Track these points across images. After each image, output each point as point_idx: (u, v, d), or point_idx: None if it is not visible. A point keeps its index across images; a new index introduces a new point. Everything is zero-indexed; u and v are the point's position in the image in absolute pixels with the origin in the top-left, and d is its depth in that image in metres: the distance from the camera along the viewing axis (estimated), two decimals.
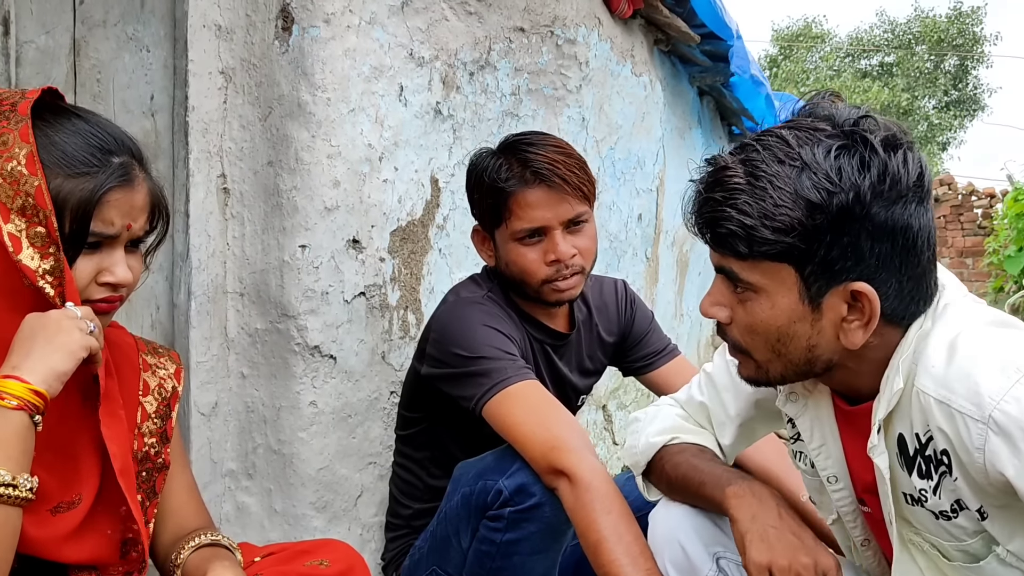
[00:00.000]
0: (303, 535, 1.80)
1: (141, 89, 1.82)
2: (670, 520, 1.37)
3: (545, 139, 1.69)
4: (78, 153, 1.05)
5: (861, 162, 0.99)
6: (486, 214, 1.71)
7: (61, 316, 1.02)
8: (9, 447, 0.96)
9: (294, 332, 1.76)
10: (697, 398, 1.48)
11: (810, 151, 1.00)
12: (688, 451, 1.39)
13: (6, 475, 0.96)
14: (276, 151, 1.75)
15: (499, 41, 2.20)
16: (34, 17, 1.86)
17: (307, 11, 1.72)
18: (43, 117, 1.06)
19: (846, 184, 0.98)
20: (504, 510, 1.51)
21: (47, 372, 0.99)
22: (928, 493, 1.08)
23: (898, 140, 1.01)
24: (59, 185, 1.03)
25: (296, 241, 1.75)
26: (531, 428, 1.50)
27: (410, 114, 1.94)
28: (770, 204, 1.00)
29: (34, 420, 0.99)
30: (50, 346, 1.00)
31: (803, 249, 1.01)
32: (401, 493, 1.83)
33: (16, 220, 1.02)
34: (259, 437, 1.81)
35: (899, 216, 0.99)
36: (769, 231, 1.01)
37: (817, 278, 1.03)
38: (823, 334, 1.07)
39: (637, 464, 1.48)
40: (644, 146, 3.11)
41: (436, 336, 1.67)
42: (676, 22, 3.06)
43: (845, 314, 1.04)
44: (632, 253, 3.13)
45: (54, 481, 1.10)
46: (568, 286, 1.68)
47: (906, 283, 1.03)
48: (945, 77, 24.52)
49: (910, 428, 1.08)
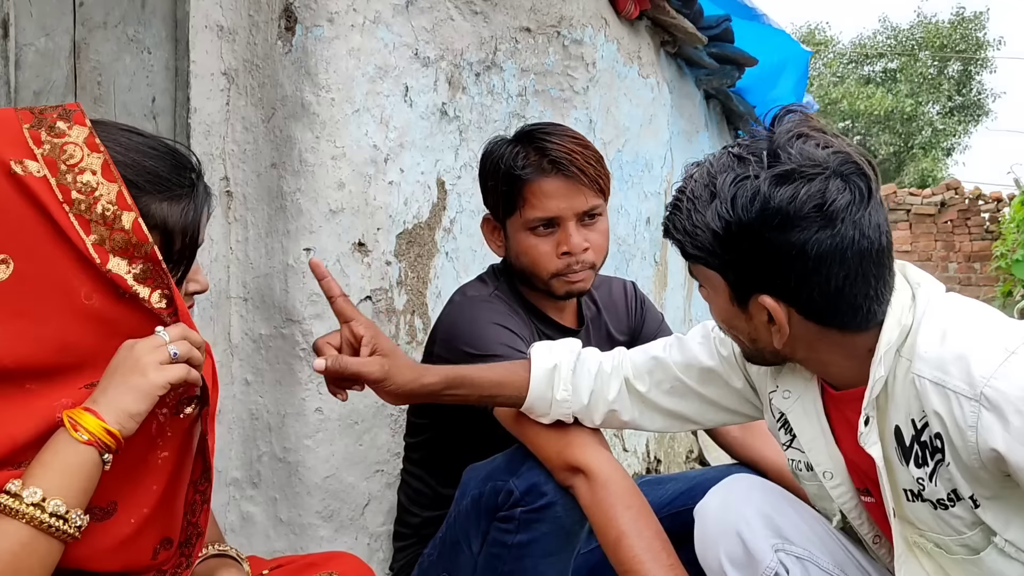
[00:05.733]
0: (309, 545, 1.77)
1: (142, 91, 1.79)
2: (729, 511, 1.36)
3: (563, 129, 1.68)
4: (172, 176, 1.04)
5: (753, 195, 1.08)
6: (499, 202, 1.68)
7: (143, 351, 0.98)
8: (71, 479, 0.93)
9: (299, 337, 1.73)
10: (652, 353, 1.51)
11: (722, 179, 1.12)
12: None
13: (61, 506, 0.92)
14: (279, 153, 1.72)
15: (505, 41, 2.18)
16: (33, 19, 1.83)
17: (310, 10, 1.69)
18: (111, 138, 1.02)
19: (735, 215, 1.10)
20: (515, 511, 1.48)
21: (119, 413, 0.96)
22: (925, 480, 1.13)
23: (791, 175, 1.07)
24: (165, 211, 1.03)
25: (300, 244, 1.71)
26: (544, 425, 1.48)
27: (416, 115, 1.91)
28: (690, 225, 1.15)
29: (103, 458, 0.95)
30: (124, 386, 0.97)
31: (718, 264, 1.15)
32: (410, 501, 1.80)
33: (97, 230, 0.99)
34: (264, 445, 1.78)
35: (792, 240, 1.07)
36: (691, 247, 1.17)
37: (736, 287, 1.16)
38: (758, 331, 1.18)
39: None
40: (652, 149, 3.08)
41: (444, 336, 1.65)
42: (683, 23, 3.03)
43: (766, 319, 1.15)
44: (641, 257, 3.10)
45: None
46: (579, 279, 1.66)
47: (819, 297, 1.11)
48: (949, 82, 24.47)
49: (906, 416, 1.14)
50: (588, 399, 1.46)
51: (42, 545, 0.91)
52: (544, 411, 1.46)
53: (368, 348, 1.32)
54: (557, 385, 1.45)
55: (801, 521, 1.35)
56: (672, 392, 1.46)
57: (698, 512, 1.41)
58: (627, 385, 1.48)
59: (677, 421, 1.50)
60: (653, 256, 3.25)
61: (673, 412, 1.48)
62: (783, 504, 1.37)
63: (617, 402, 1.47)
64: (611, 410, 1.47)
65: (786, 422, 1.33)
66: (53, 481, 0.92)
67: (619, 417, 1.49)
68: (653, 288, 3.27)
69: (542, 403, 1.46)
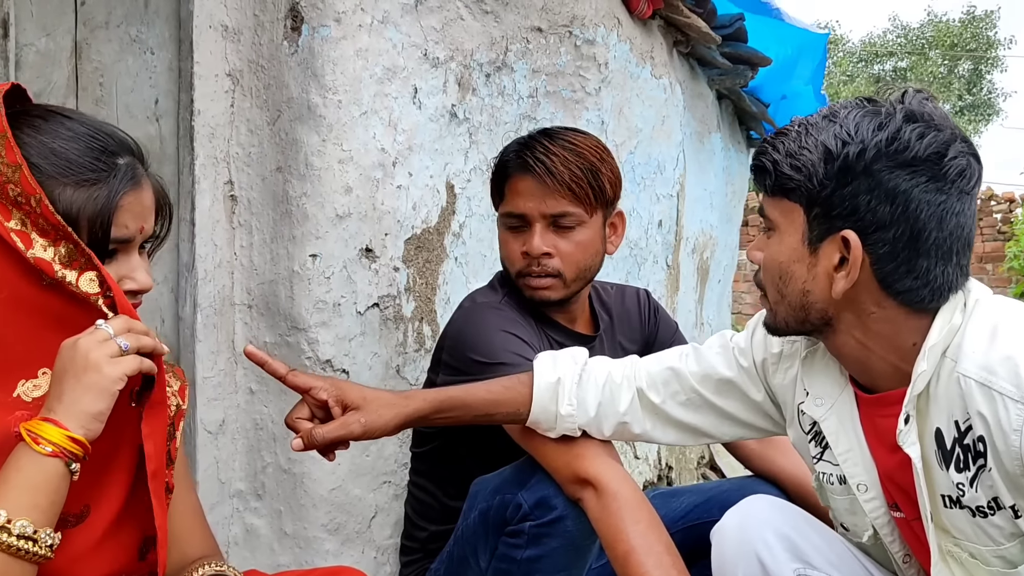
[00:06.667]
0: (315, 558, 1.72)
1: (145, 93, 1.75)
2: (748, 533, 1.32)
3: (565, 133, 1.65)
4: (83, 159, 0.98)
5: (878, 124, 1.08)
6: (492, 194, 1.74)
7: (89, 347, 0.93)
8: (38, 495, 0.89)
9: (305, 346, 1.69)
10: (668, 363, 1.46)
11: (847, 112, 1.12)
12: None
13: (28, 526, 0.88)
14: (285, 156, 1.68)
15: (516, 41, 2.13)
16: (34, 19, 1.80)
17: (317, 10, 1.64)
18: (28, 122, 0.99)
19: (858, 138, 1.08)
20: (524, 525, 1.44)
21: (81, 416, 0.92)
22: (965, 486, 1.10)
23: (923, 116, 1.09)
24: (70, 196, 0.96)
25: (306, 250, 1.67)
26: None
27: (424, 117, 1.87)
28: (796, 146, 1.13)
29: (71, 468, 0.91)
30: (80, 387, 0.92)
31: (812, 190, 1.12)
32: (416, 514, 1.75)
33: (16, 214, 0.95)
34: (268, 456, 1.74)
35: (901, 182, 1.07)
36: (788, 167, 1.13)
37: (819, 222, 1.12)
38: (817, 280, 1.15)
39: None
40: (664, 151, 3.03)
41: (452, 343, 1.61)
42: (696, 22, 2.98)
43: (836, 263, 1.12)
44: (652, 260, 3.05)
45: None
46: (538, 285, 1.63)
47: (902, 251, 1.09)
48: (959, 82, 24.35)
49: (948, 418, 1.11)
50: (595, 411, 1.42)
51: (13, 569, 0.87)
52: (550, 426, 1.42)
53: (338, 408, 1.28)
54: (561, 399, 1.41)
55: (823, 543, 1.31)
56: (687, 404, 1.42)
57: (715, 533, 1.37)
58: (640, 396, 1.43)
59: (691, 435, 1.45)
60: (665, 259, 3.20)
61: (687, 425, 1.43)
62: (804, 526, 1.32)
63: (628, 414, 1.43)
64: (622, 422, 1.43)
65: (818, 433, 1.29)
66: (18, 500, 0.88)
67: (630, 429, 1.44)
68: (665, 292, 3.22)
69: (547, 417, 1.41)
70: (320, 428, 1.26)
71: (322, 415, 1.30)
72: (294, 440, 1.27)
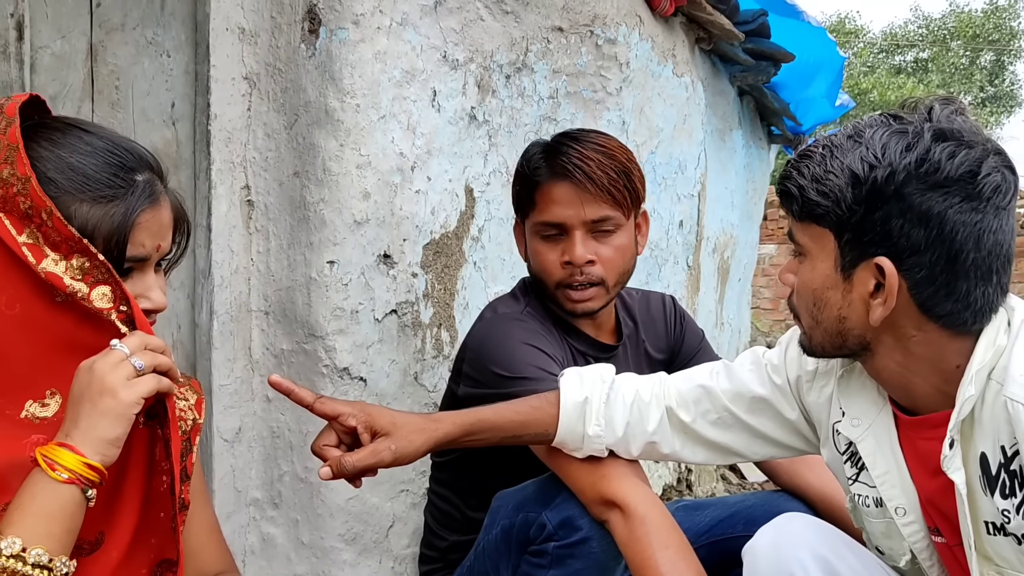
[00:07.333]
0: (332, 568, 1.70)
1: (161, 96, 1.72)
2: (782, 552, 1.27)
3: (591, 136, 1.60)
4: (100, 175, 0.96)
5: (906, 145, 1.04)
6: (517, 203, 1.66)
7: (104, 370, 0.91)
8: (52, 523, 0.87)
9: (322, 353, 1.66)
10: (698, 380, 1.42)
11: (872, 132, 1.07)
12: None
13: (43, 555, 0.86)
14: (302, 161, 1.65)
15: (536, 42, 2.09)
16: (49, 21, 1.77)
17: (335, 12, 1.61)
18: (46, 135, 0.96)
19: (886, 161, 1.04)
20: (548, 545, 1.41)
21: (97, 442, 0.90)
22: (1011, 513, 1.06)
23: (953, 134, 1.04)
24: (86, 213, 0.94)
25: (324, 256, 1.64)
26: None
27: (443, 120, 1.83)
28: (822, 170, 1.08)
29: (87, 495, 0.89)
30: (95, 412, 0.90)
31: (841, 216, 1.07)
32: (437, 523, 1.72)
33: (27, 228, 0.93)
34: (285, 464, 1.71)
35: (934, 204, 1.02)
36: (815, 193, 1.09)
37: (851, 248, 1.08)
38: (853, 307, 1.11)
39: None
40: (685, 150, 2.98)
41: (473, 355, 1.58)
42: (719, 19, 2.92)
43: (871, 289, 1.08)
44: (673, 261, 3.00)
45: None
46: (581, 297, 1.57)
47: (940, 275, 1.05)
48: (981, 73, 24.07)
49: (994, 443, 1.07)
50: (623, 431, 1.38)
51: None
52: (576, 446, 1.38)
53: (367, 434, 1.25)
54: (589, 419, 1.37)
55: (860, 565, 1.27)
56: (719, 423, 1.38)
57: (748, 552, 1.32)
58: (669, 415, 1.40)
59: (721, 454, 1.41)
60: (686, 260, 3.15)
61: (718, 444, 1.39)
62: (840, 546, 1.28)
63: (657, 433, 1.39)
64: (650, 442, 1.39)
65: (854, 453, 1.25)
66: (33, 528, 0.86)
67: (659, 449, 1.40)
68: (686, 293, 3.18)
69: (573, 438, 1.38)
70: (350, 457, 1.22)
71: (349, 441, 1.27)
72: (322, 469, 1.24)
